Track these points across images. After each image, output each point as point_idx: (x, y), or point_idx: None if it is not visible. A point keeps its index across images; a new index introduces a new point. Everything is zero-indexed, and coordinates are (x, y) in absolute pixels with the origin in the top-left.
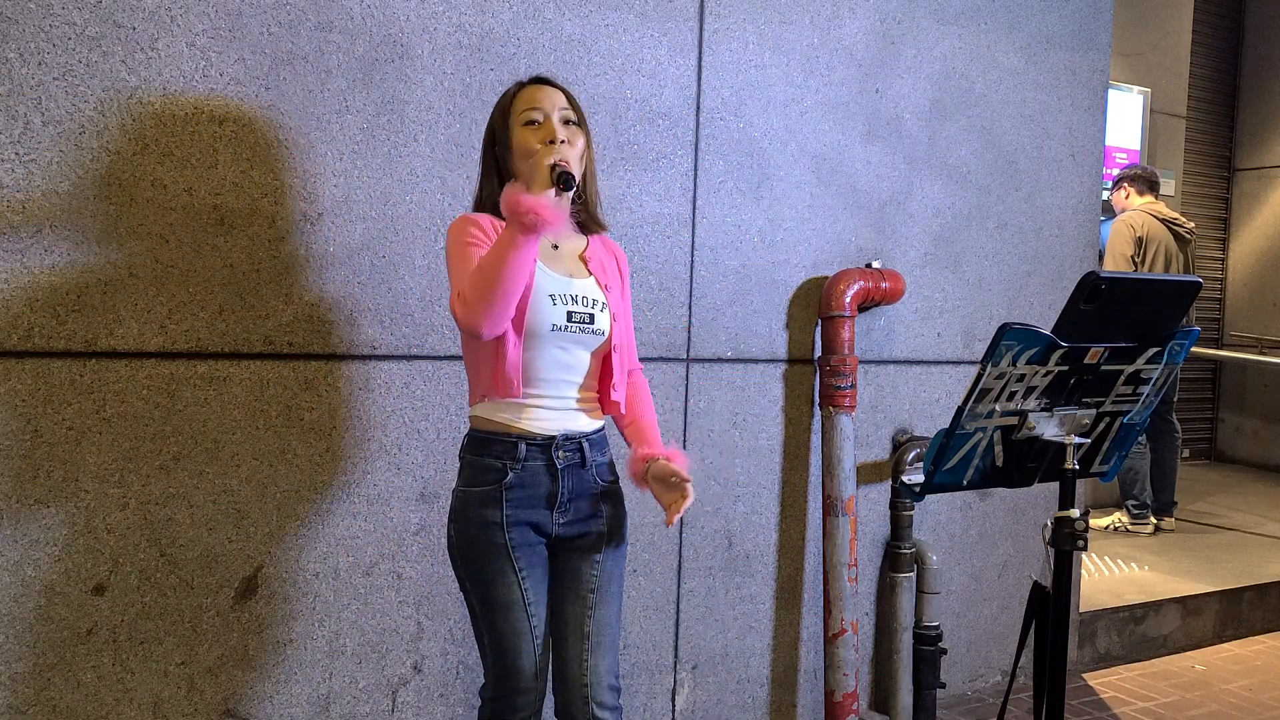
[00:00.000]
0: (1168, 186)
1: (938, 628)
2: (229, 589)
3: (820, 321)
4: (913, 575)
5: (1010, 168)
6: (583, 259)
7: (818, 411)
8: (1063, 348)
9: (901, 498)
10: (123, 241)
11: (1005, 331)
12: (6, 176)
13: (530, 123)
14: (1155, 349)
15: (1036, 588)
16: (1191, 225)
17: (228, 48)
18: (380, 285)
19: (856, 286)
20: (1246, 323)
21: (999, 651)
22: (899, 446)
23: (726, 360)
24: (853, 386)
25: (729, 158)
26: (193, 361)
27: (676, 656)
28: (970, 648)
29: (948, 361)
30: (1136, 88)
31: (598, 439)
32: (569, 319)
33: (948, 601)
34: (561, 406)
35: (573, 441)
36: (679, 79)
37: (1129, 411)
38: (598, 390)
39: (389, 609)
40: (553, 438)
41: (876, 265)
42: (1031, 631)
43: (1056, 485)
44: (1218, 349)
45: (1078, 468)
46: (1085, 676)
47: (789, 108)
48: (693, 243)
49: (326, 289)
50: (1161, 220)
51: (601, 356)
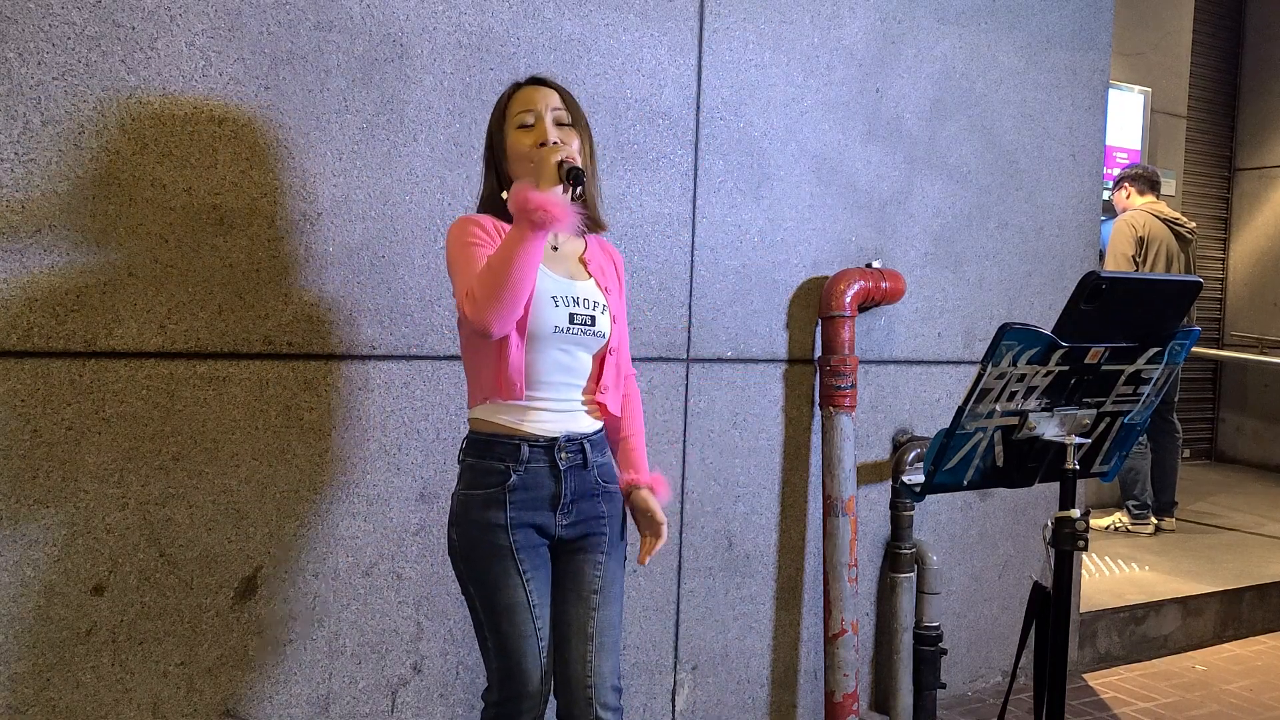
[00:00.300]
0: (1168, 186)
1: (938, 628)
2: (228, 589)
3: (820, 321)
4: (913, 575)
5: (1011, 167)
6: (582, 261)
7: (818, 411)
8: (1063, 348)
9: (902, 498)
10: (122, 241)
11: (1006, 331)
12: (6, 176)
13: (524, 125)
14: (1156, 349)
15: (1037, 588)
16: (1193, 225)
17: (227, 47)
18: (379, 285)
19: (857, 286)
20: (1247, 323)
21: (999, 652)
22: (899, 446)
23: (726, 360)
24: (853, 386)
25: (729, 157)
26: (192, 361)
27: (676, 657)
28: (970, 648)
29: (948, 361)
30: (1137, 87)
31: (599, 440)
32: (571, 321)
33: (948, 602)
34: (564, 408)
35: (575, 443)
36: (679, 79)
37: (1129, 411)
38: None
39: (388, 609)
40: (555, 439)
41: (877, 265)
42: (1032, 632)
43: (1057, 485)
44: (1218, 349)
45: (1078, 468)
46: (1086, 677)
47: (789, 107)
48: (693, 242)
49: (326, 289)
50: (1163, 220)
51: (600, 359)
